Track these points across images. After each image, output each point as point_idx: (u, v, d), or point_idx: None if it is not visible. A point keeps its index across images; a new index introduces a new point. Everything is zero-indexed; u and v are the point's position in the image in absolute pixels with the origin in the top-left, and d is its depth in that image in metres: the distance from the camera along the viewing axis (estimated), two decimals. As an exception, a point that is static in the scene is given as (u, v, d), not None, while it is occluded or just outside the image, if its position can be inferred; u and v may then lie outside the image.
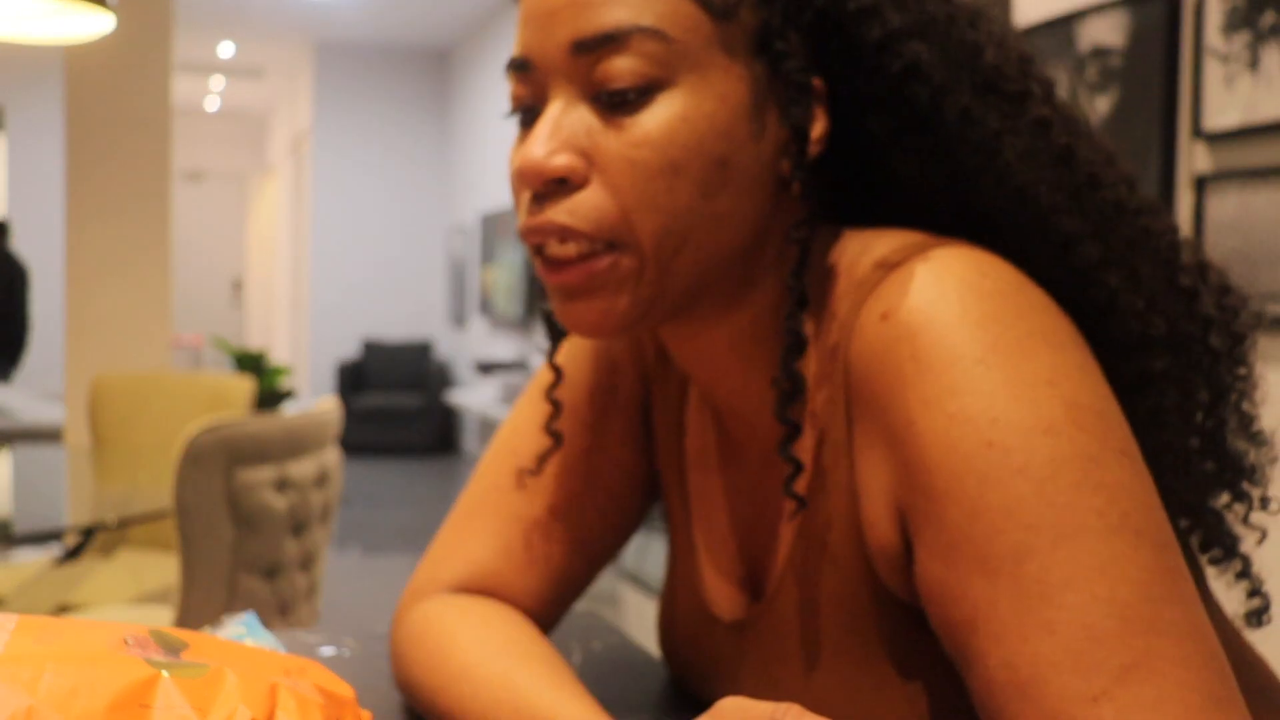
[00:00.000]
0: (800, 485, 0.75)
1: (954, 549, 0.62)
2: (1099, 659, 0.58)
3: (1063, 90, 0.76)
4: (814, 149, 0.73)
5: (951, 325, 0.65)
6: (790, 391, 0.72)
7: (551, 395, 0.89)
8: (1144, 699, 0.57)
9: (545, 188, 0.70)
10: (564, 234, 0.70)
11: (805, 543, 0.75)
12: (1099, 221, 0.72)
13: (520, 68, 0.73)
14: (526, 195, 0.72)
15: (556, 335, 0.88)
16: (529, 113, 0.74)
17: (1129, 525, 0.60)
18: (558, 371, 0.89)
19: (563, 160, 0.69)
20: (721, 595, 0.85)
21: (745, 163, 0.71)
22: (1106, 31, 2.43)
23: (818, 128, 0.73)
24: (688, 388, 0.89)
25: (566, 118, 0.70)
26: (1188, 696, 0.57)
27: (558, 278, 0.72)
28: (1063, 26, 2.55)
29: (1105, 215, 0.72)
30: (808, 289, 0.74)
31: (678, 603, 0.91)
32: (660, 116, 0.69)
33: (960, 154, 0.72)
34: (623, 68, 0.68)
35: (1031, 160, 0.71)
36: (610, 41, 0.68)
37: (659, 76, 0.69)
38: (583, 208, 0.70)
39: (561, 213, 0.70)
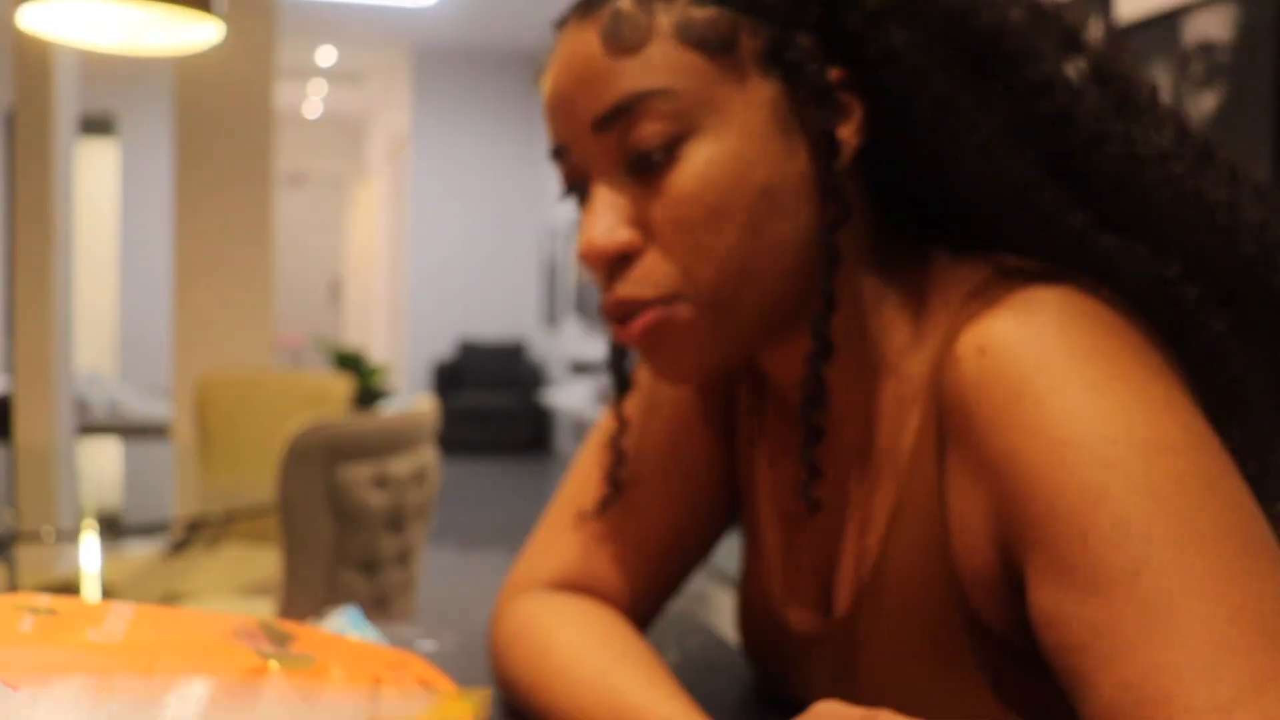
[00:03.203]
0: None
1: (1065, 573, 0.60)
2: (1230, 668, 0.55)
3: (1165, 88, 0.73)
4: (855, 140, 0.72)
5: (1054, 357, 0.64)
6: (815, 396, 0.73)
7: (619, 444, 0.89)
8: (1276, 712, 0.54)
9: (611, 266, 0.72)
10: (631, 306, 0.72)
11: (886, 566, 0.74)
12: (1103, 187, 0.69)
13: (559, 154, 0.75)
14: (601, 274, 0.74)
15: (622, 386, 0.89)
16: (581, 191, 0.76)
17: (1254, 542, 0.58)
18: (623, 422, 0.90)
19: (617, 237, 0.71)
20: (792, 606, 0.85)
21: (786, 183, 0.71)
22: (1213, 26, 2.37)
23: (850, 122, 0.72)
24: (767, 391, 0.89)
25: (611, 194, 0.72)
26: None
27: (623, 335, 0.74)
28: (1167, 22, 2.49)
29: (1111, 177, 0.68)
30: (897, 311, 0.76)
31: (751, 609, 0.91)
32: (689, 168, 0.70)
33: (936, 140, 0.72)
34: (643, 133, 0.70)
35: (1014, 131, 0.69)
36: (623, 113, 0.70)
37: (678, 131, 0.70)
38: (643, 276, 0.72)
39: (627, 286, 0.72)
